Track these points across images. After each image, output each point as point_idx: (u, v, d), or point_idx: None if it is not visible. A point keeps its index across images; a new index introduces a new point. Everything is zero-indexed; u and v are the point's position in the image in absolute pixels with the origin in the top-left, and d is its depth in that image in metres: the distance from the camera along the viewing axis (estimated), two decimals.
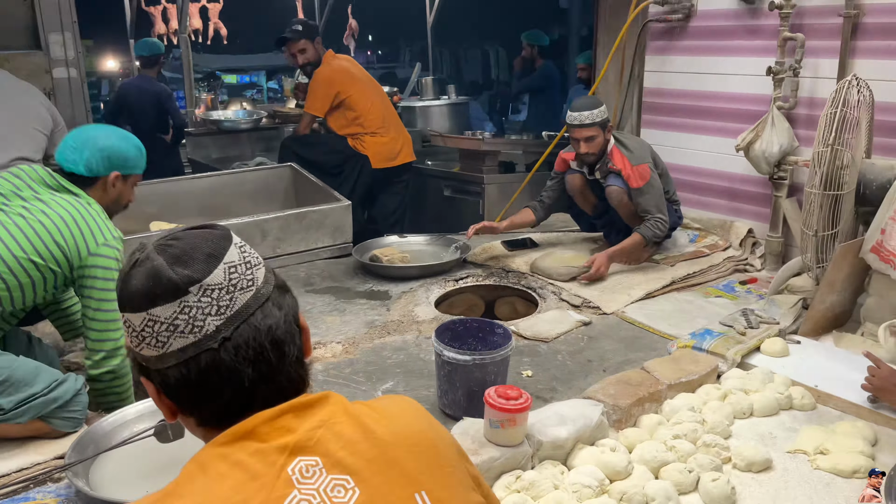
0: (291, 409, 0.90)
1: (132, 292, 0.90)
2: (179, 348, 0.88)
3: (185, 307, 0.88)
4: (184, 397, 0.91)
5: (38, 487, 1.73)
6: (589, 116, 3.04)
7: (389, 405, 0.99)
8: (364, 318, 2.82)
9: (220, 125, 5.10)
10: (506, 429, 1.77)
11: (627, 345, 2.57)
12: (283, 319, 0.94)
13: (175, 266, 0.89)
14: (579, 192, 3.33)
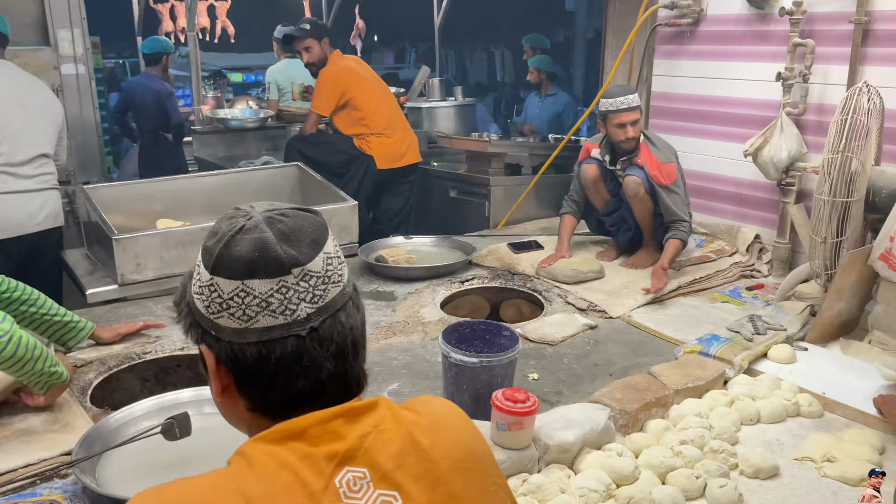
0: (343, 413, 0.88)
1: (234, 258, 0.86)
2: (266, 327, 0.86)
3: (284, 287, 0.86)
4: (250, 377, 0.88)
5: (44, 483, 1.72)
6: (634, 99, 3.03)
7: (437, 414, 0.97)
8: (370, 319, 2.81)
9: (227, 124, 5.10)
10: (513, 432, 1.76)
11: (634, 349, 2.56)
12: (361, 321, 0.94)
13: (283, 243, 0.87)
14: (592, 183, 3.28)
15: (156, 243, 2.94)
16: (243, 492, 0.80)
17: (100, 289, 2.91)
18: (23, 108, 3.08)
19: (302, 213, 0.92)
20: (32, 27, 4.19)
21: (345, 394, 0.91)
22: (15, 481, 1.71)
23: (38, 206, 3.12)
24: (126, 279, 2.90)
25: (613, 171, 3.24)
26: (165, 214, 3.48)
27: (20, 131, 3.05)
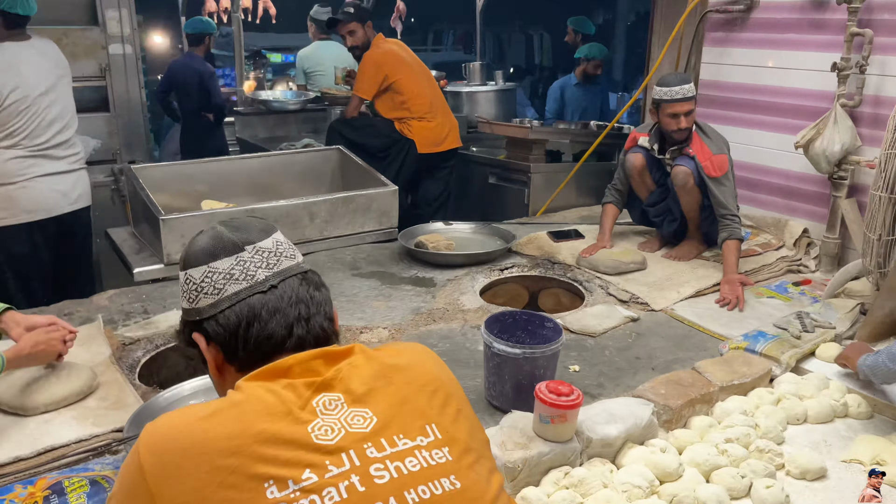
0: (321, 355, 1.06)
1: (196, 250, 1.12)
2: (234, 292, 1.08)
3: (241, 261, 1.09)
4: (233, 339, 1.07)
5: (96, 459, 1.77)
6: (690, 89, 2.95)
7: (406, 349, 1.16)
8: (410, 305, 2.82)
9: (269, 105, 5.13)
10: (556, 424, 1.76)
11: (676, 343, 2.53)
12: (321, 294, 1.14)
13: (234, 232, 1.12)
14: (638, 172, 3.23)
15: (201, 224, 2.96)
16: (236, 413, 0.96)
17: (146, 267, 2.97)
18: (52, 89, 3.05)
19: (251, 218, 1.19)
20: (82, 7, 4.25)
21: (312, 340, 1.09)
22: (68, 456, 1.76)
23: (71, 185, 3.16)
24: (172, 259, 2.94)
25: (660, 161, 3.18)
26: (209, 195, 3.53)
27: (52, 114, 3.04)
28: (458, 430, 1.07)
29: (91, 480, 1.69)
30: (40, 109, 2.99)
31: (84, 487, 1.67)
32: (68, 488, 1.66)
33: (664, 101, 2.98)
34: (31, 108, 2.92)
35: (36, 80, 2.99)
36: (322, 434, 0.98)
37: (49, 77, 3.04)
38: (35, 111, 2.96)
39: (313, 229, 3.31)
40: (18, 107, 2.88)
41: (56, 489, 1.66)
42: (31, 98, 2.95)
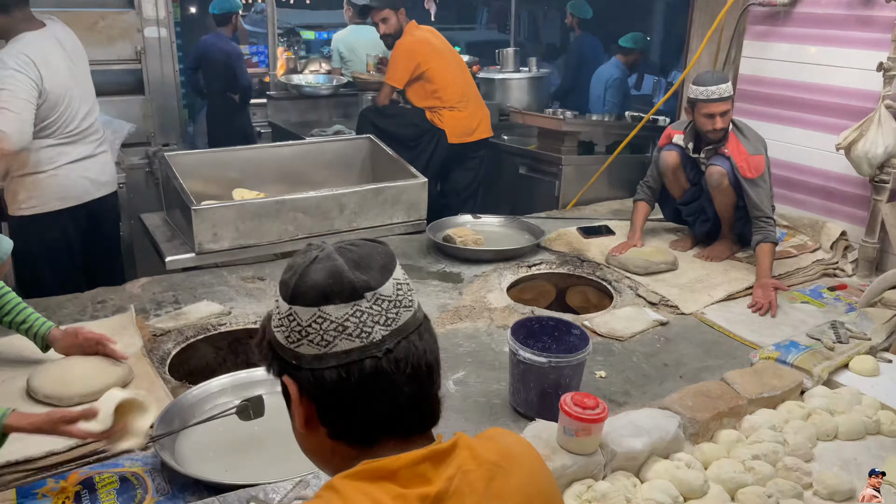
0: (430, 457, 0.91)
1: (309, 286, 0.91)
2: (343, 350, 0.90)
3: (358, 311, 0.90)
4: (331, 402, 0.92)
5: (126, 455, 1.81)
6: (727, 89, 2.88)
7: (515, 453, 1.01)
8: (437, 301, 2.82)
9: (301, 90, 5.14)
10: (580, 437, 1.75)
11: (706, 350, 2.49)
12: (433, 346, 0.97)
13: (355, 270, 0.91)
14: (672, 170, 3.17)
15: (232, 214, 3.01)
16: None
17: (178, 256, 3.01)
18: (75, 76, 3.00)
19: (370, 244, 0.97)
20: None
21: (421, 420, 0.95)
22: (98, 452, 1.80)
23: (99, 171, 3.15)
24: (203, 248, 2.98)
25: (695, 159, 3.12)
26: (240, 182, 3.55)
27: (76, 100, 3.01)
28: None
29: (121, 477, 1.73)
30: (69, 98, 2.97)
31: (114, 484, 1.71)
32: (99, 484, 1.71)
33: (699, 101, 2.91)
34: (64, 99, 2.92)
35: (62, 69, 2.95)
36: None
37: (70, 64, 3.00)
38: (67, 101, 2.95)
39: (343, 220, 3.31)
40: (55, 99, 2.89)
41: (87, 484, 1.71)
42: (62, 88, 2.93)
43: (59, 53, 2.93)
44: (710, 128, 2.94)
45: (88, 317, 2.55)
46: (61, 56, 2.94)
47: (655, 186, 3.29)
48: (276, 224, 3.12)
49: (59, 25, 3.02)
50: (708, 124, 2.93)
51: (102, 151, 3.20)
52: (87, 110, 3.07)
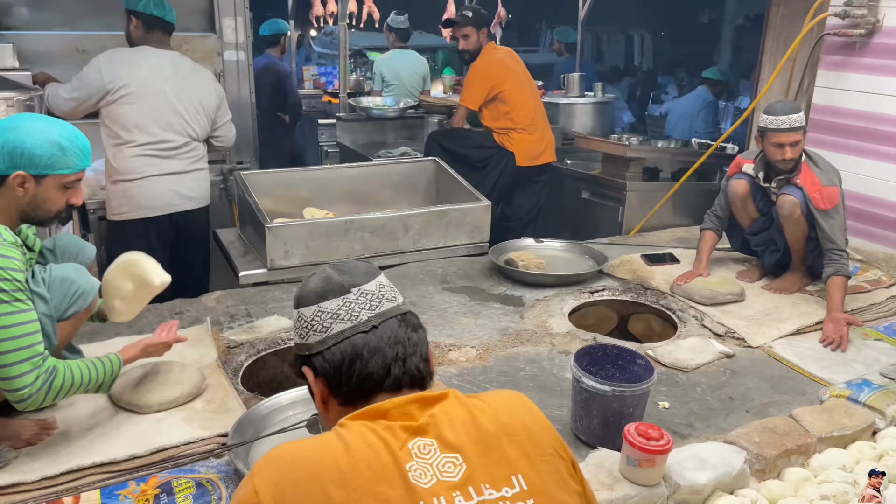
0: (417, 400, 1.14)
1: (308, 290, 1.23)
2: (339, 331, 1.18)
3: (347, 302, 1.20)
4: (337, 374, 1.17)
5: (201, 462, 1.90)
6: (798, 119, 2.84)
7: (498, 397, 1.21)
8: (498, 324, 2.85)
9: (369, 112, 5.27)
10: (643, 468, 1.75)
11: (773, 385, 2.45)
12: (418, 335, 1.23)
13: (342, 275, 1.23)
14: (741, 199, 3.13)
15: (303, 233, 3.12)
16: (344, 448, 1.05)
17: (251, 271, 3.12)
18: (175, 96, 3.21)
19: (358, 262, 1.29)
20: (201, 15, 4.50)
21: (408, 380, 1.18)
22: (176, 458, 1.89)
23: (188, 185, 3.32)
24: (275, 264, 3.09)
25: (764, 189, 3.07)
26: (310, 201, 3.68)
27: (170, 116, 3.21)
28: (546, 481, 1.11)
29: (197, 482, 1.82)
30: (158, 110, 3.16)
31: (191, 489, 1.80)
32: (176, 488, 1.80)
33: (769, 130, 2.88)
34: (145, 107, 3.12)
35: (156, 81, 3.16)
36: (417, 476, 1.05)
37: (175, 86, 3.21)
38: (151, 111, 3.14)
39: (407, 241, 3.39)
40: (130, 101, 3.09)
41: (166, 488, 1.79)
42: (146, 97, 3.13)
43: (159, 67, 3.19)
44: (779, 157, 2.90)
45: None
46: (163, 71, 3.19)
47: (723, 216, 3.25)
48: (343, 243, 3.22)
49: (185, 59, 3.35)
50: (777, 154, 2.90)
51: (198, 168, 3.39)
52: (185, 131, 3.28)
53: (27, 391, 1.70)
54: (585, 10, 6.27)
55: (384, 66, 5.96)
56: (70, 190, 1.86)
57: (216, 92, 3.43)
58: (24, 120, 1.81)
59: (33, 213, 1.83)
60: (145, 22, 3.22)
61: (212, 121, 3.41)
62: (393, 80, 5.82)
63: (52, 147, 1.78)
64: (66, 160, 1.81)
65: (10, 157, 1.75)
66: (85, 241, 2.27)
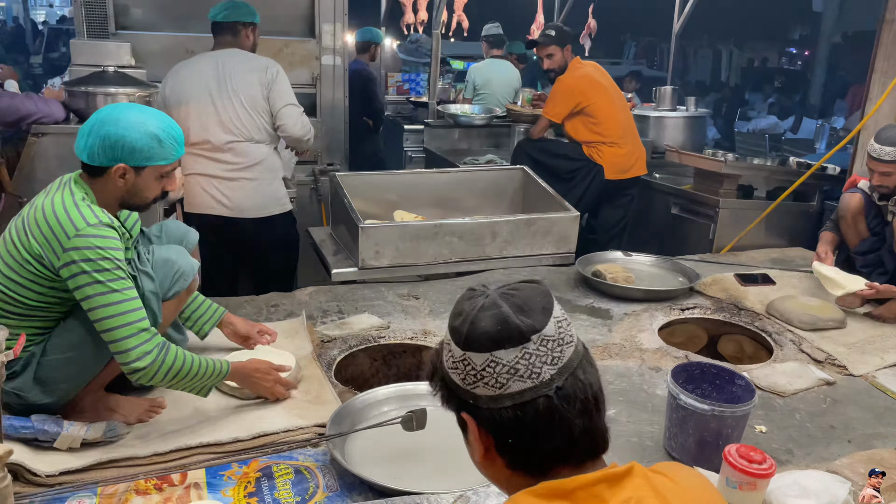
0: (605, 479, 0.98)
1: (480, 333, 1.02)
2: (517, 391, 0.99)
3: (526, 354, 1.00)
4: (508, 438, 1.01)
5: (299, 449, 1.96)
6: (892, 153, 2.80)
7: (691, 484, 1.06)
8: (585, 336, 2.83)
9: (457, 119, 5.33)
10: (744, 491, 1.70)
11: (877, 416, 2.34)
12: (596, 375, 1.05)
13: (519, 314, 1.01)
14: (852, 214, 3.08)
15: (394, 234, 3.18)
16: None
17: (342, 269, 3.20)
18: (217, 94, 3.22)
19: (529, 285, 1.07)
20: (301, 20, 4.66)
21: (594, 449, 1.03)
22: (276, 444, 1.96)
23: (228, 192, 3.29)
24: (366, 263, 3.16)
25: (880, 208, 2.97)
26: (399, 204, 3.74)
27: (210, 119, 3.22)
28: None
29: (296, 469, 1.88)
30: (199, 113, 3.24)
31: (290, 475, 1.86)
32: (276, 473, 1.86)
33: (870, 156, 2.87)
34: (189, 110, 3.24)
35: (196, 83, 3.26)
36: None
37: (215, 81, 3.24)
38: (192, 112, 3.24)
39: (494, 247, 3.40)
40: (175, 107, 3.23)
41: (266, 473, 1.86)
42: (187, 101, 3.25)
43: (202, 71, 3.27)
44: (876, 183, 2.93)
45: (264, 318, 2.78)
46: (205, 76, 3.26)
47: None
48: (432, 246, 3.26)
49: (238, 54, 3.33)
50: (875, 179, 2.93)
51: (243, 177, 3.30)
52: (223, 131, 3.24)
53: (140, 363, 1.79)
54: (681, 23, 6.15)
55: (477, 73, 6.02)
56: (165, 178, 1.95)
57: (259, 81, 3.26)
58: (122, 112, 1.87)
59: (131, 201, 1.94)
60: (212, 30, 3.39)
61: (265, 112, 3.28)
62: (484, 88, 5.87)
63: (150, 140, 1.86)
64: (164, 152, 1.89)
65: (112, 151, 1.84)
66: (189, 227, 2.39)
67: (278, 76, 3.31)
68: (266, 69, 3.29)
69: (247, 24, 3.36)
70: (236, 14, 3.33)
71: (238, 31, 3.35)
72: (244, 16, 3.35)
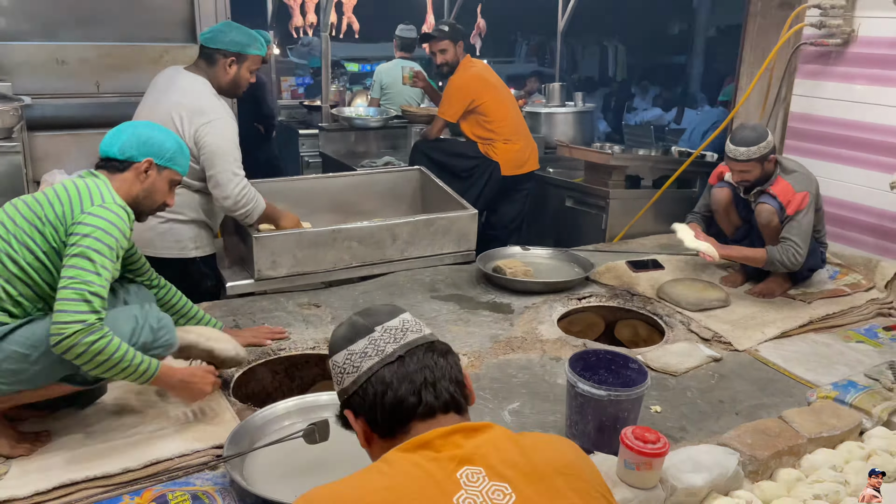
0: (461, 429, 1.14)
1: (337, 338, 1.28)
2: (368, 367, 1.21)
3: (373, 340, 1.23)
4: (373, 409, 1.19)
5: (196, 474, 1.87)
6: (745, 153, 2.93)
7: (545, 436, 1.24)
8: (488, 332, 2.86)
9: (352, 122, 5.27)
10: (641, 471, 1.77)
11: (761, 387, 2.49)
12: (447, 360, 1.24)
13: (366, 318, 1.28)
14: (723, 208, 3.23)
15: (291, 242, 3.10)
16: (386, 484, 1.05)
17: (238, 282, 3.10)
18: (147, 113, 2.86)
19: (381, 305, 1.32)
20: (181, 24, 4.46)
21: (441, 405, 1.18)
22: (171, 470, 1.87)
23: None
24: (262, 274, 3.07)
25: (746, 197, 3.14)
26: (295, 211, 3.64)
27: None
28: None
29: (193, 495, 1.80)
30: None
31: (187, 502, 1.77)
32: (172, 501, 1.77)
33: (727, 156, 3.04)
34: None
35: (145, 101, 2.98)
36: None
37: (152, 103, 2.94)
38: None
39: (395, 250, 3.39)
40: None
41: (160, 501, 1.77)
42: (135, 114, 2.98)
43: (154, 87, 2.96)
44: (736, 179, 3.09)
45: None
46: (150, 95, 2.95)
47: (708, 215, 3.35)
48: (331, 252, 3.21)
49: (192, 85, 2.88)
50: (734, 176, 3.09)
51: None
52: None
53: (70, 328, 1.73)
54: (564, 21, 6.34)
55: (385, 74, 5.97)
56: (173, 190, 2.14)
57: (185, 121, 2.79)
58: (155, 124, 2.16)
59: (144, 202, 2.07)
60: None
61: None
62: (390, 88, 5.84)
63: (175, 144, 2.10)
64: (183, 161, 2.12)
65: (144, 146, 2.03)
66: None
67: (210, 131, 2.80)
68: (201, 114, 2.80)
69: (228, 55, 2.88)
70: (218, 40, 2.88)
71: (215, 60, 2.88)
72: (229, 44, 2.87)
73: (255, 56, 2.98)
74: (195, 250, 2.99)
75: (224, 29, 2.96)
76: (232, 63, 2.92)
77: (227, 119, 2.90)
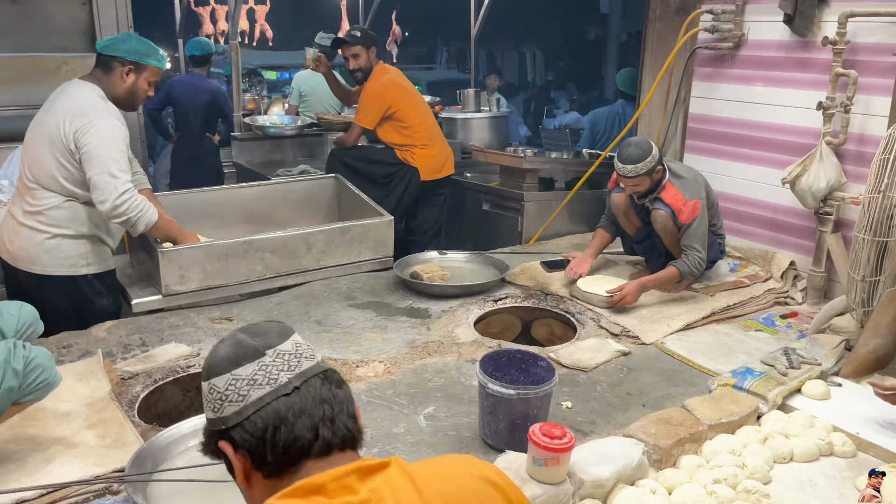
0: (356, 470, 1.03)
1: (218, 359, 1.11)
2: (258, 397, 1.07)
3: (263, 366, 1.09)
4: (260, 445, 1.06)
5: (97, 500, 1.80)
6: (633, 170, 3.01)
7: (444, 464, 1.14)
8: (405, 337, 2.87)
9: (266, 131, 5.19)
10: (549, 467, 1.80)
11: (667, 378, 2.58)
12: (343, 392, 1.13)
13: (255, 337, 1.12)
14: (623, 212, 3.33)
15: (199, 256, 3.03)
16: None
17: (145, 299, 3.00)
18: (37, 125, 2.79)
19: (269, 323, 1.18)
20: (81, 33, 4.29)
21: (340, 442, 1.09)
22: (69, 497, 1.79)
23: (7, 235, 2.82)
24: (170, 290, 2.98)
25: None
26: (207, 223, 3.55)
27: (26, 150, 2.80)
28: None
29: None
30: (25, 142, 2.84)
31: None
32: None
33: (616, 172, 3.13)
34: None
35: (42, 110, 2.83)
36: None
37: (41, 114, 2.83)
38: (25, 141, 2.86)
39: (310, 259, 3.35)
40: None
41: None
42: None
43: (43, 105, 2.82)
44: (627, 192, 3.19)
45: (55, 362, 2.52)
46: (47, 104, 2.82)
47: (615, 218, 3.43)
48: (243, 264, 3.14)
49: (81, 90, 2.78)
50: (626, 189, 3.18)
51: (26, 225, 2.77)
52: (24, 169, 2.80)
53: None
54: (477, 27, 6.43)
55: (303, 82, 5.91)
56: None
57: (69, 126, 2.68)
58: None
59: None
60: None
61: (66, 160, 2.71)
62: (310, 95, 5.78)
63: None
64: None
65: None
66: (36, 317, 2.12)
67: (90, 131, 2.67)
68: (83, 115, 2.69)
69: (126, 63, 2.78)
70: (116, 47, 2.79)
71: (112, 68, 2.78)
72: (126, 52, 2.78)
73: (154, 67, 2.86)
74: (86, 267, 2.84)
75: (124, 38, 2.87)
76: (129, 72, 2.81)
77: (111, 121, 2.73)
